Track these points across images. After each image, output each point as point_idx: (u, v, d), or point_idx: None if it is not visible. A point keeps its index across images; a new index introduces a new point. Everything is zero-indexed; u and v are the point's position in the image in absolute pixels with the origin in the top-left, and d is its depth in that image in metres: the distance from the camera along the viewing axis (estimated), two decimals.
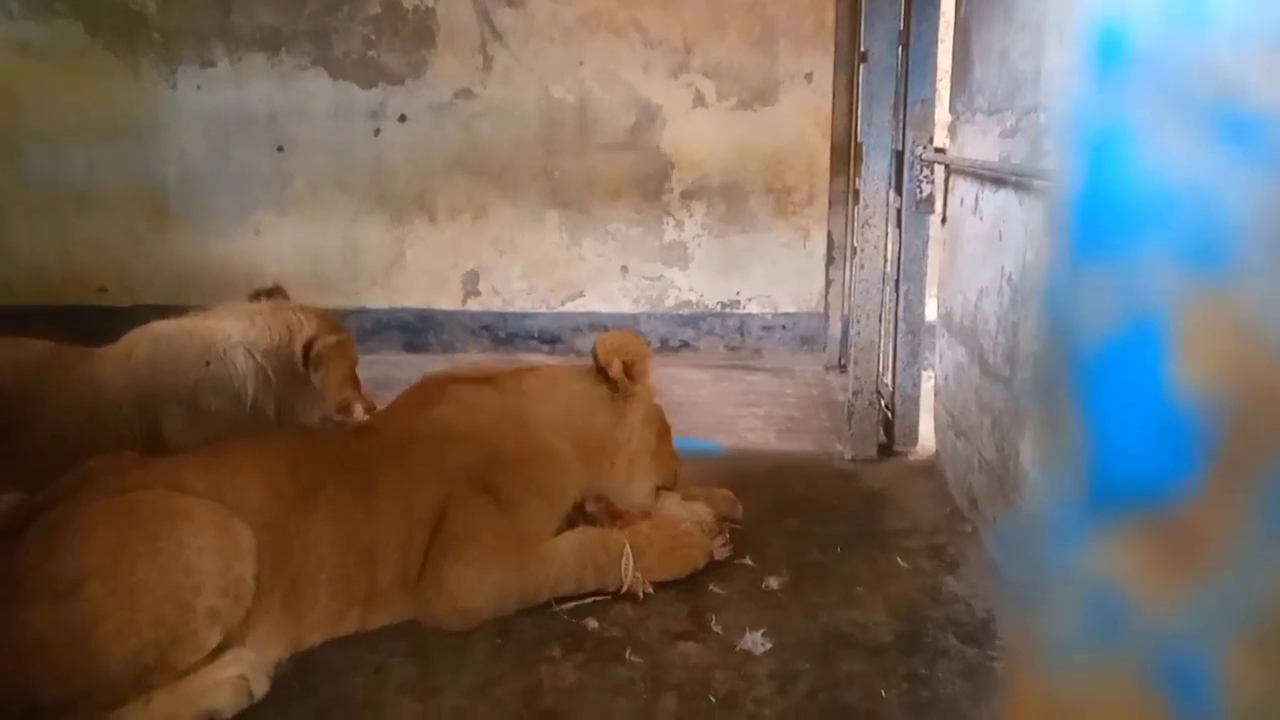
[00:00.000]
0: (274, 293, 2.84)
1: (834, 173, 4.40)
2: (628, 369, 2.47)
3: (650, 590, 2.24)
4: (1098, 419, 0.33)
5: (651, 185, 4.72)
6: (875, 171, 3.11)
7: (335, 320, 2.81)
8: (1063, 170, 0.35)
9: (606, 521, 2.40)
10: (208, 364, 2.57)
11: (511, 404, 2.40)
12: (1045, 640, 0.34)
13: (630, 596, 2.23)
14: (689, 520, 2.46)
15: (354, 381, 2.80)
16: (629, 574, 2.22)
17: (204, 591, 1.77)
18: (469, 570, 2.11)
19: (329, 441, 2.23)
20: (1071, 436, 0.33)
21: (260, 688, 1.86)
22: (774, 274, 4.77)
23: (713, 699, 1.87)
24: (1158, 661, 0.31)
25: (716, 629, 2.12)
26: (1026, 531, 0.36)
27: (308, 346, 2.57)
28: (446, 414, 2.33)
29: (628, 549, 2.24)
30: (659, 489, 2.57)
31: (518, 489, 2.23)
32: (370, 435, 2.28)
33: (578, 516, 2.40)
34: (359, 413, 2.76)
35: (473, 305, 4.84)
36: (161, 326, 2.70)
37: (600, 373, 2.47)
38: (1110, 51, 0.33)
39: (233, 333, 2.60)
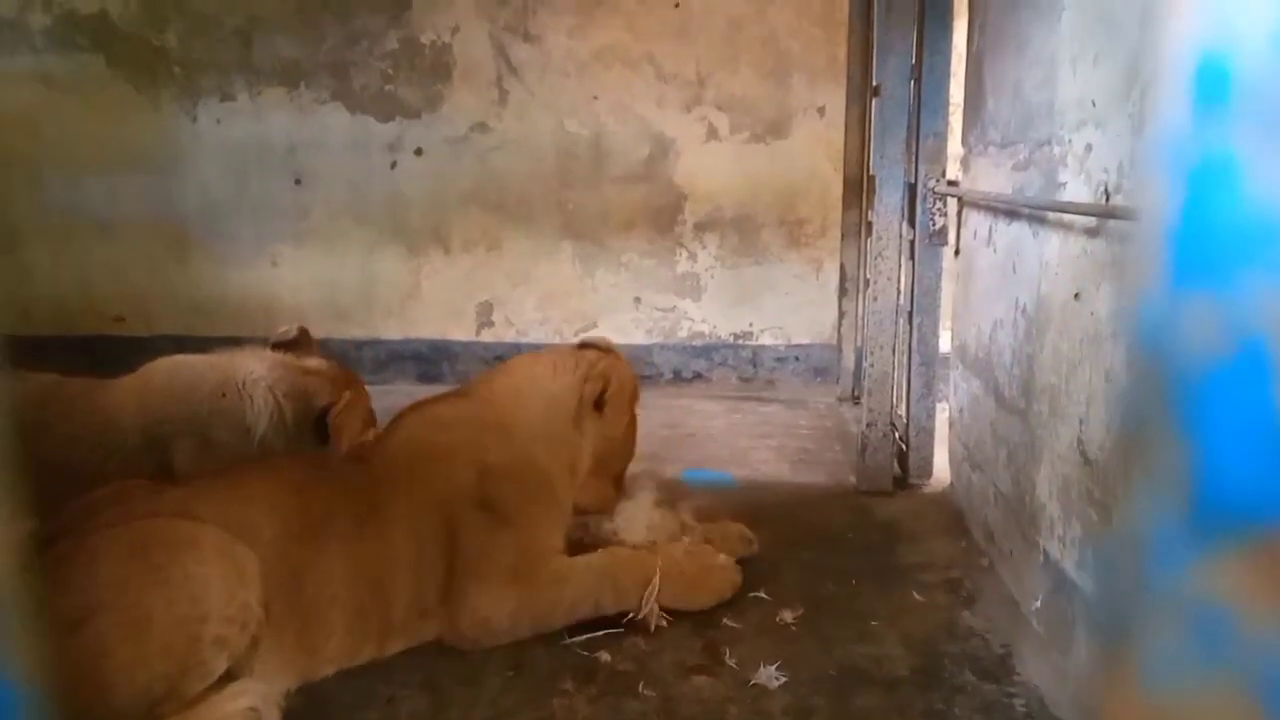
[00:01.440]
0: (299, 341, 2.83)
1: (846, 205, 4.41)
2: (599, 400, 2.47)
3: (663, 623, 2.22)
4: (1203, 444, 0.33)
5: (664, 217, 4.75)
6: (888, 204, 3.12)
7: (348, 375, 2.79)
8: (1159, 201, 0.35)
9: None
10: (223, 395, 2.57)
11: (489, 414, 2.40)
12: (1143, 664, 0.34)
13: (641, 628, 2.21)
14: (646, 526, 2.48)
15: (368, 424, 2.78)
16: (650, 601, 2.20)
17: (211, 620, 1.76)
18: (488, 587, 2.13)
19: (332, 472, 2.23)
20: (1174, 462, 0.34)
21: None
22: (787, 305, 4.78)
23: None
24: (1268, 686, 0.31)
25: (730, 662, 2.10)
26: (1124, 556, 0.36)
27: (321, 417, 2.56)
28: (425, 435, 2.33)
29: (657, 575, 2.22)
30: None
31: (514, 500, 2.23)
32: (365, 465, 2.28)
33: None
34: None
35: (486, 336, 4.86)
36: (181, 358, 2.72)
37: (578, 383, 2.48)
38: (1212, 82, 0.33)
39: (256, 369, 2.61)
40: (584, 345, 2.73)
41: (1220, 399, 0.32)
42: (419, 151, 4.74)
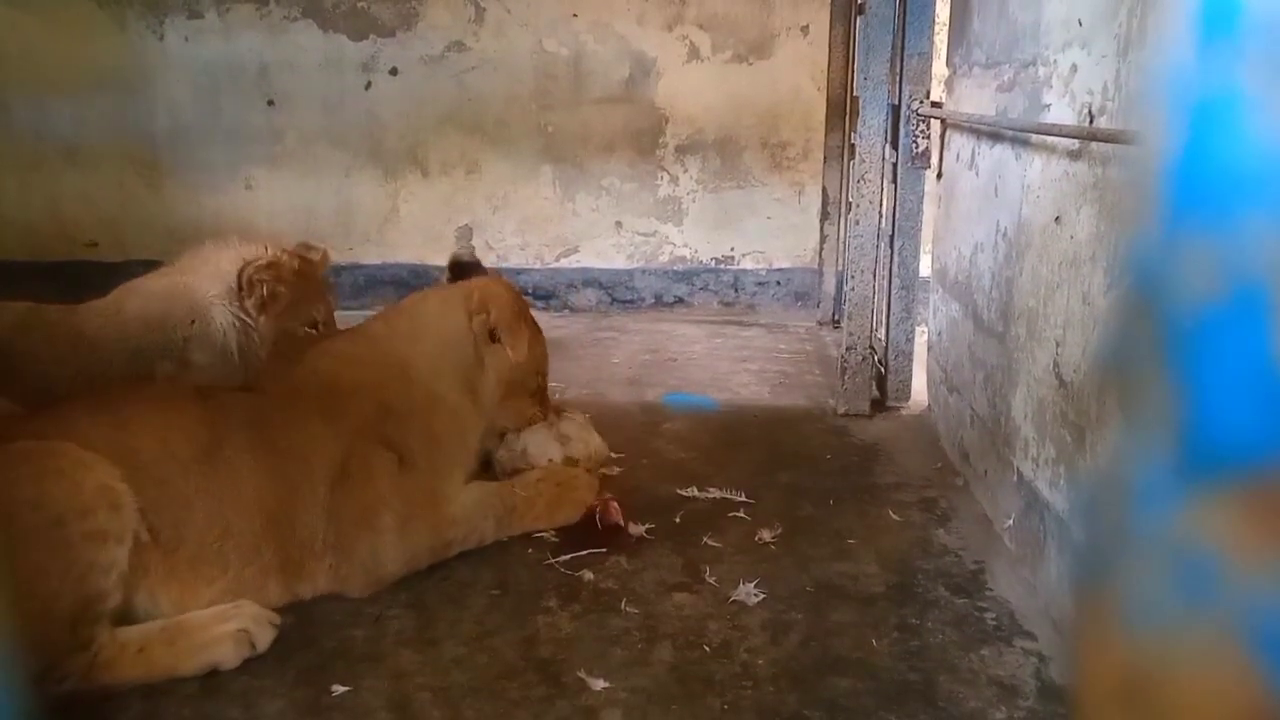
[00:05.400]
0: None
1: (829, 127, 4.36)
2: (491, 330, 2.42)
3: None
4: (1195, 387, 0.33)
5: (646, 140, 4.69)
6: (871, 126, 3.09)
7: (294, 255, 2.74)
8: (1158, 137, 0.34)
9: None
10: (193, 323, 2.61)
11: (389, 354, 2.34)
12: (1127, 605, 0.35)
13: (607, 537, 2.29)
14: (557, 453, 2.53)
15: (316, 304, 2.75)
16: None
17: (70, 519, 1.69)
18: (382, 539, 2.08)
19: (223, 400, 2.14)
20: (1163, 403, 0.33)
21: (263, 640, 1.86)
22: (768, 229, 4.76)
23: (707, 648, 1.90)
24: (1253, 629, 0.31)
25: (710, 580, 2.15)
26: (1107, 496, 0.36)
27: (239, 276, 2.56)
28: (327, 369, 2.27)
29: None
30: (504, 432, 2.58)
31: (417, 443, 2.20)
32: (260, 394, 2.21)
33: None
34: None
35: None
36: (148, 284, 2.71)
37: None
38: (1219, 17, 0.32)
39: (209, 289, 2.63)
40: (454, 268, 2.69)
41: (1214, 342, 0.32)
42: (394, 71, 4.63)
